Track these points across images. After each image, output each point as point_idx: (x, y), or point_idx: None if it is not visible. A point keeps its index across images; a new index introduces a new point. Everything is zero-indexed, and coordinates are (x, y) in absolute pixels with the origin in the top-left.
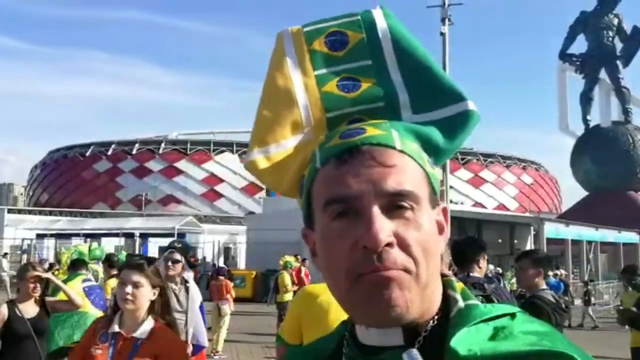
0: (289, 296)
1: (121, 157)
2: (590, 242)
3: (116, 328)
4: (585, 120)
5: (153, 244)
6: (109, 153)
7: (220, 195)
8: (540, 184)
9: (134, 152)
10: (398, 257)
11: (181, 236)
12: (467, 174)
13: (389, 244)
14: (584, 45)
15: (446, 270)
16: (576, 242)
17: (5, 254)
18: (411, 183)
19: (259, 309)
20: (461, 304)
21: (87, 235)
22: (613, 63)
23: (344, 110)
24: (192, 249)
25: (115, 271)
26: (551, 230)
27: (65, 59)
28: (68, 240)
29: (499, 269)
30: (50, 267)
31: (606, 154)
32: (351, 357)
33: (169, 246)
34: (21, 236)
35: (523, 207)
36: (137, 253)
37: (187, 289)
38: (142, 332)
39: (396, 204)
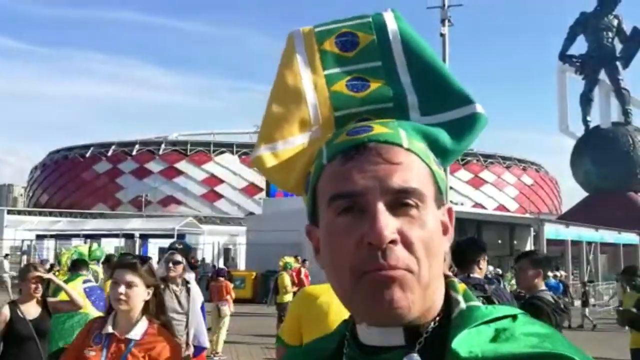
0: (288, 297)
1: (121, 158)
2: (590, 243)
3: (110, 329)
4: (585, 121)
5: (153, 244)
6: (109, 154)
7: (220, 196)
8: (540, 185)
9: (134, 153)
10: (401, 255)
11: (181, 237)
12: (467, 175)
13: (392, 241)
14: (583, 46)
15: (447, 271)
16: (576, 243)
17: (6, 255)
18: (417, 181)
19: (258, 310)
20: (463, 305)
21: (87, 236)
22: (613, 64)
23: (352, 109)
24: (193, 250)
25: None
26: (551, 231)
27: (64, 59)
28: (68, 241)
29: (498, 270)
30: (50, 267)
31: (606, 155)
32: (352, 357)
33: (170, 247)
34: (21, 237)
35: (523, 208)
36: (137, 254)
37: (188, 290)
38: (136, 333)
39: (401, 202)
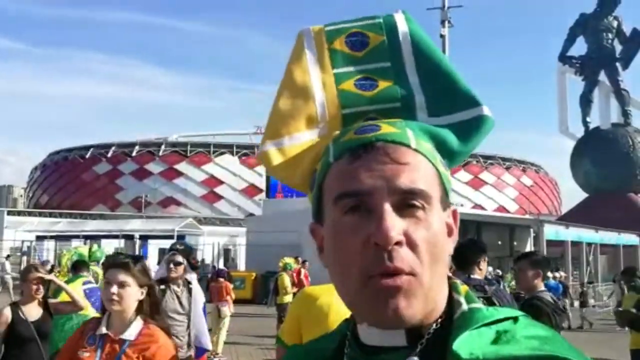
0: (288, 298)
1: (121, 159)
2: (590, 244)
3: (104, 330)
4: (585, 122)
5: (153, 245)
6: (109, 155)
7: (220, 197)
8: (540, 186)
9: (133, 154)
10: (406, 257)
11: (181, 238)
12: (466, 176)
13: (398, 243)
14: (583, 47)
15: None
16: (576, 244)
17: (8, 255)
18: (424, 182)
19: (258, 310)
20: (465, 307)
21: (87, 237)
22: (612, 65)
23: (360, 108)
24: (193, 250)
25: None
26: (551, 232)
27: (64, 59)
28: (68, 242)
29: (498, 271)
30: (51, 269)
31: (606, 156)
32: (353, 357)
33: (171, 248)
34: (21, 238)
35: (523, 209)
36: (136, 254)
37: (189, 290)
38: (131, 333)
39: (408, 202)
